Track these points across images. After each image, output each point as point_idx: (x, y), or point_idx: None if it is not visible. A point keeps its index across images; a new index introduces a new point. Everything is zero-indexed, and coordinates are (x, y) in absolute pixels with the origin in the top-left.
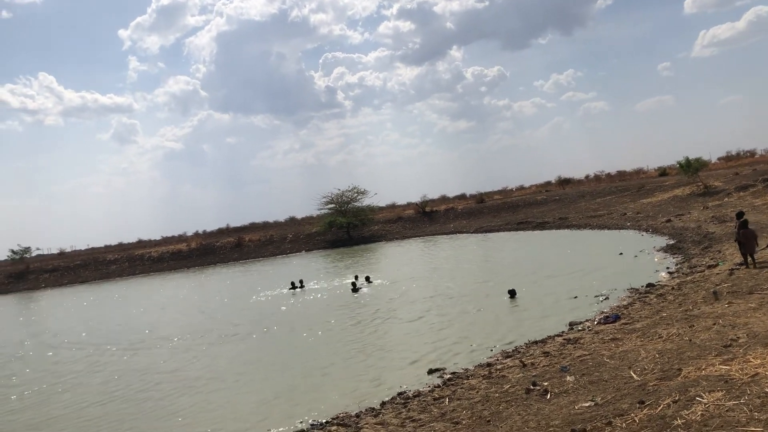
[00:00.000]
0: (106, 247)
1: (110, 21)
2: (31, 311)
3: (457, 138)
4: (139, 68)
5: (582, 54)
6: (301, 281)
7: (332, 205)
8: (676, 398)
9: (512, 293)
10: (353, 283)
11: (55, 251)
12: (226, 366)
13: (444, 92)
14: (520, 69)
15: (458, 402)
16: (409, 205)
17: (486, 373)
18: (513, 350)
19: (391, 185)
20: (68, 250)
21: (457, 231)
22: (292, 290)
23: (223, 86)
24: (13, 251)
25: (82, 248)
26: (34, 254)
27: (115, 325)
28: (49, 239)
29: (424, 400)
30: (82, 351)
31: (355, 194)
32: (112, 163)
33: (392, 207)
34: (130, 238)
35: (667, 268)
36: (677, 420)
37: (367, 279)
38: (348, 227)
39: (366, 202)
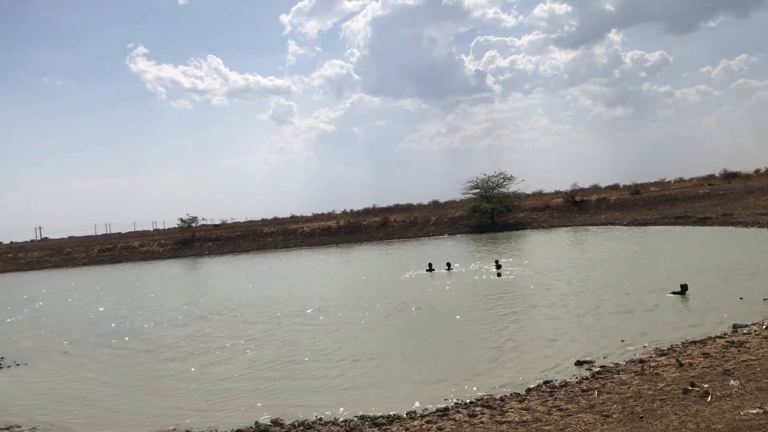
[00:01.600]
0: (263, 220)
1: (273, 6)
2: (204, 275)
3: (612, 125)
4: (297, 52)
5: (758, 37)
6: (448, 264)
7: (477, 190)
8: None
9: (683, 288)
10: (498, 273)
11: (217, 222)
12: (382, 343)
13: (600, 77)
14: (684, 54)
15: (608, 395)
16: (557, 193)
17: (638, 369)
18: (668, 348)
19: (539, 172)
20: (228, 221)
21: (609, 223)
22: (429, 272)
23: (376, 70)
24: (182, 220)
25: (241, 220)
26: (199, 224)
27: (282, 294)
28: (212, 210)
29: (571, 391)
30: (258, 315)
31: (502, 180)
32: (270, 142)
33: (539, 195)
34: (284, 213)
35: None
36: None
37: (499, 266)
38: (492, 213)
39: (512, 188)
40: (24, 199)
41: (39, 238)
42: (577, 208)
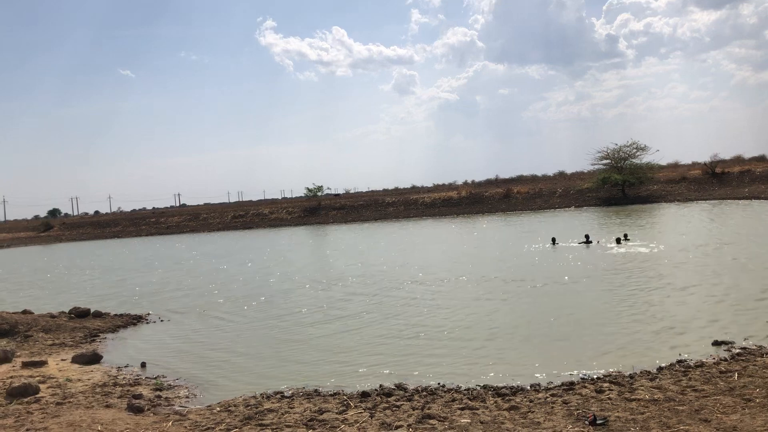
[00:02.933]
0: (384, 190)
1: None
2: (335, 243)
3: (759, 91)
4: (420, 20)
5: None
6: (586, 236)
7: (607, 161)
8: None
9: None
10: (623, 247)
11: (340, 191)
12: (509, 316)
13: (747, 39)
14: None
15: (749, 379)
16: (694, 164)
17: None
18: None
19: (675, 142)
20: (351, 191)
21: (753, 196)
22: (552, 246)
23: (500, 37)
24: (308, 189)
25: (363, 190)
26: (324, 193)
27: (412, 263)
28: (336, 180)
29: (708, 372)
30: (390, 283)
31: (634, 150)
32: (392, 112)
33: (675, 166)
34: (404, 183)
35: None
36: None
37: (619, 240)
38: (623, 185)
39: (645, 159)
40: (163, 168)
41: (178, 205)
42: (717, 180)
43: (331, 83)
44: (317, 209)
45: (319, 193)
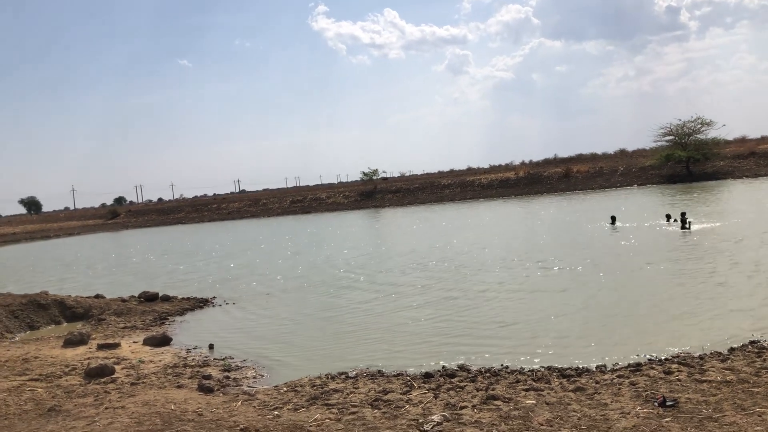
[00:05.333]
0: (440, 172)
1: None
2: (397, 226)
3: None
4: None
5: None
6: (667, 215)
7: (671, 137)
8: None
9: None
10: (684, 226)
11: (396, 174)
12: (572, 298)
13: None
14: None
15: None
16: (763, 138)
17: None
18: None
19: (742, 116)
20: (406, 174)
21: None
22: (612, 225)
23: (556, 12)
24: (364, 173)
25: (418, 173)
26: (379, 176)
27: (478, 246)
28: (391, 163)
29: None
30: (458, 265)
31: (699, 125)
32: (445, 93)
33: (742, 141)
34: (460, 165)
35: None
36: None
37: (683, 218)
38: (688, 162)
39: (711, 134)
40: (224, 155)
41: (238, 191)
42: None
43: (384, 66)
44: (373, 193)
45: (375, 177)
